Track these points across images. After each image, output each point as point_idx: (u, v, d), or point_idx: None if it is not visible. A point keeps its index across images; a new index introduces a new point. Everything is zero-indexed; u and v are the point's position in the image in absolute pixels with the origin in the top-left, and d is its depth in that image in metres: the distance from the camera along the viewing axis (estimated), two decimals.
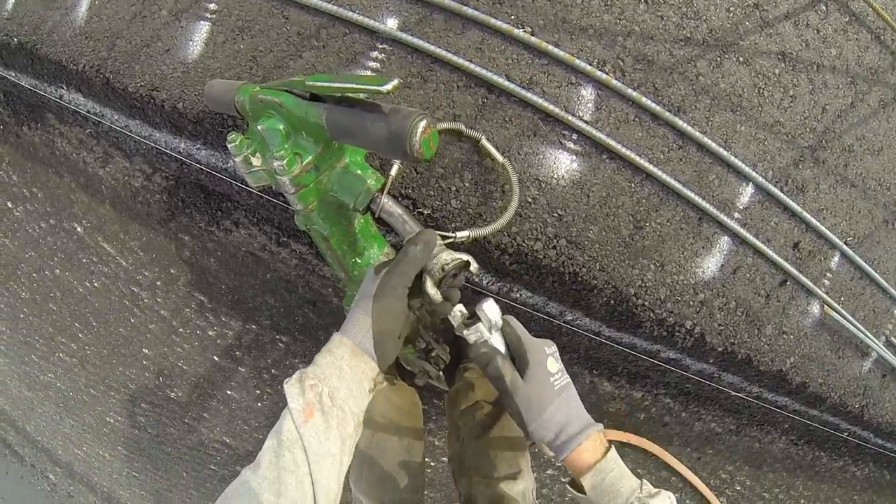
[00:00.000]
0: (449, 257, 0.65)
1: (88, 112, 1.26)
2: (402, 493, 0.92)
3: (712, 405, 1.45)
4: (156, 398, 1.69)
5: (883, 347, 1.32)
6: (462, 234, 0.73)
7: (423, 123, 0.55)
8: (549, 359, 0.63)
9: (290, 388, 0.57)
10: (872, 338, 1.28)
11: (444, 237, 0.70)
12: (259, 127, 0.70)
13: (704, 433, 1.54)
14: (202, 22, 1.00)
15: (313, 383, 0.57)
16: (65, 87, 1.25)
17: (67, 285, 1.64)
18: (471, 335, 0.65)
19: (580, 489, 0.62)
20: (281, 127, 0.68)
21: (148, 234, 1.46)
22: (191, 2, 1.03)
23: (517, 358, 0.64)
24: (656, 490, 0.59)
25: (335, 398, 0.57)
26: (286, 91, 0.68)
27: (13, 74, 1.31)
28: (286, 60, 0.94)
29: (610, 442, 0.63)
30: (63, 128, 1.45)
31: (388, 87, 0.56)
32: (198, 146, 1.12)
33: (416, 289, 0.65)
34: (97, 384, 1.78)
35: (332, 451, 0.55)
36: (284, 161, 0.68)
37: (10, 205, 1.63)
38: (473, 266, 0.66)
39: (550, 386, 0.61)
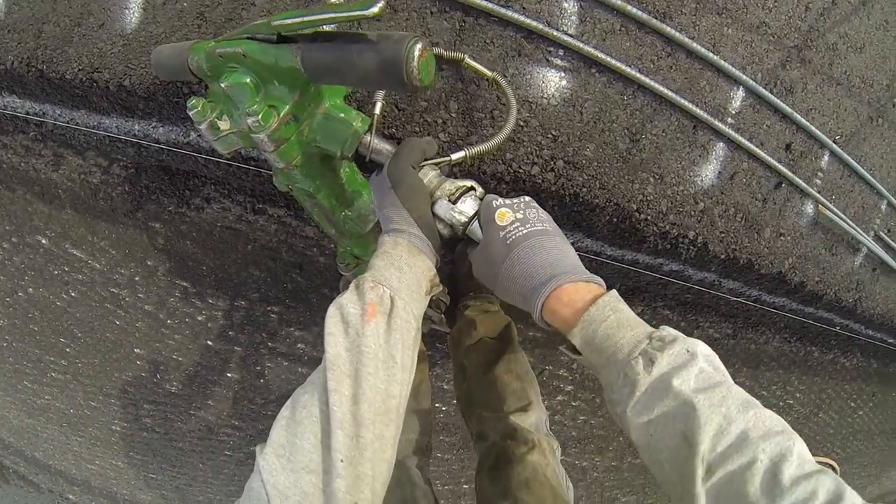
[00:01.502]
0: (452, 186, 0.59)
1: (28, 114, 1.13)
2: (411, 435, 0.90)
3: (709, 312, 1.47)
4: (157, 396, 1.62)
5: (872, 242, 1.33)
6: (457, 156, 0.66)
7: (419, 46, 0.47)
8: (497, 211, 0.53)
9: (348, 295, 0.49)
10: (863, 233, 1.29)
11: (438, 163, 0.63)
12: (222, 84, 0.61)
13: (703, 339, 1.55)
14: None
15: (373, 285, 0.49)
16: None
17: (44, 302, 1.54)
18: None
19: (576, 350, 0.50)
20: (248, 80, 0.59)
21: (117, 231, 1.35)
22: None
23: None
24: (671, 335, 0.45)
25: (396, 300, 0.50)
26: (248, 38, 0.59)
27: None
28: (238, 11, 0.84)
29: (608, 288, 0.49)
30: (4, 138, 1.31)
31: (375, 8, 0.46)
32: (153, 124, 1.01)
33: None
34: (95, 395, 1.70)
35: (394, 355, 0.48)
36: (259, 116, 0.59)
37: None
38: (479, 190, 0.60)
39: (501, 241, 0.51)
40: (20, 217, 1.39)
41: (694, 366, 0.43)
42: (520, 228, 0.51)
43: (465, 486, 1.76)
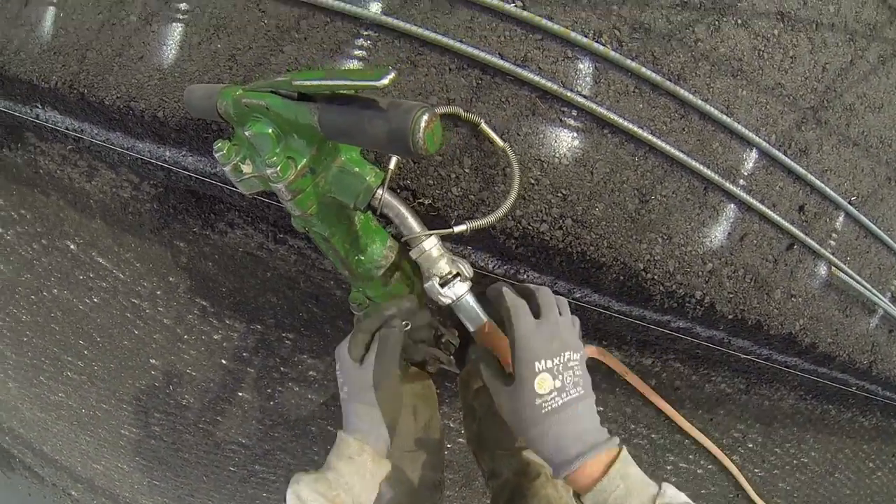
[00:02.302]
0: (445, 268, 0.65)
1: (67, 129, 1.20)
2: (423, 471, 0.90)
3: (722, 367, 1.45)
4: (168, 406, 1.66)
5: (889, 303, 1.30)
6: (459, 228, 0.71)
7: (425, 118, 0.50)
8: (537, 378, 0.53)
9: (310, 496, 0.53)
10: (879, 295, 1.27)
11: (442, 235, 0.68)
12: (246, 133, 0.65)
13: (715, 394, 1.53)
14: (174, 24, 0.94)
15: (336, 493, 0.54)
16: (40, 106, 1.18)
17: (67, 304, 1.60)
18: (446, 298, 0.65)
19: None
20: (270, 131, 0.63)
21: (142, 245, 1.41)
22: (160, 4, 0.97)
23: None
24: (665, 497, 0.51)
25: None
26: (272, 92, 0.63)
27: None
28: (267, 56, 0.89)
29: (619, 451, 0.55)
30: (44, 146, 1.39)
31: (385, 80, 0.51)
32: (183, 153, 1.06)
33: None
34: (108, 398, 1.75)
35: None
36: (278, 167, 0.63)
37: (0, 229, 1.58)
38: (467, 273, 0.66)
39: (537, 408, 0.53)
40: (52, 221, 1.47)
41: None
42: (556, 399, 0.53)
43: None
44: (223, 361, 1.52)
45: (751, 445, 1.75)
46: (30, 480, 2.27)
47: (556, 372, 0.54)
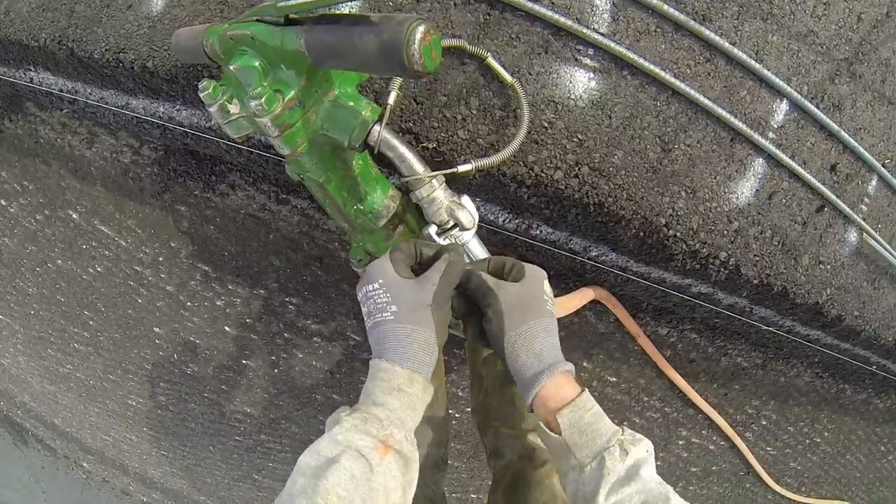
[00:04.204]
0: (445, 216, 0.62)
1: (61, 91, 1.14)
2: (427, 447, 0.85)
3: (739, 339, 1.36)
4: (173, 376, 1.62)
5: None
6: (464, 168, 0.65)
7: (421, 28, 0.44)
8: (544, 281, 0.58)
9: (352, 431, 0.45)
10: None
11: (446, 175, 0.63)
12: (232, 67, 0.59)
13: (731, 368, 1.45)
14: None
15: (389, 432, 0.46)
16: (32, 68, 1.13)
17: (71, 274, 1.56)
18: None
19: (554, 429, 0.53)
20: (256, 63, 0.57)
21: (143, 210, 1.35)
22: None
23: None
24: (639, 436, 0.52)
25: (410, 441, 0.49)
26: (257, 21, 0.57)
27: None
28: None
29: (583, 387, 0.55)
30: (43, 114, 1.33)
31: None
32: (177, 107, 0.99)
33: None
34: (114, 369, 1.72)
35: (407, 497, 0.48)
36: (263, 99, 0.57)
37: (3, 203, 1.54)
38: (466, 223, 0.63)
39: (542, 303, 0.57)
40: (53, 191, 1.42)
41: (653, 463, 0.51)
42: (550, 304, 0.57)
43: (472, 496, 1.70)
44: (227, 328, 1.47)
45: (764, 423, 1.67)
46: (43, 453, 2.27)
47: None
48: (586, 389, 0.54)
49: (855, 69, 1.01)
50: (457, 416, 1.46)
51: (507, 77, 0.74)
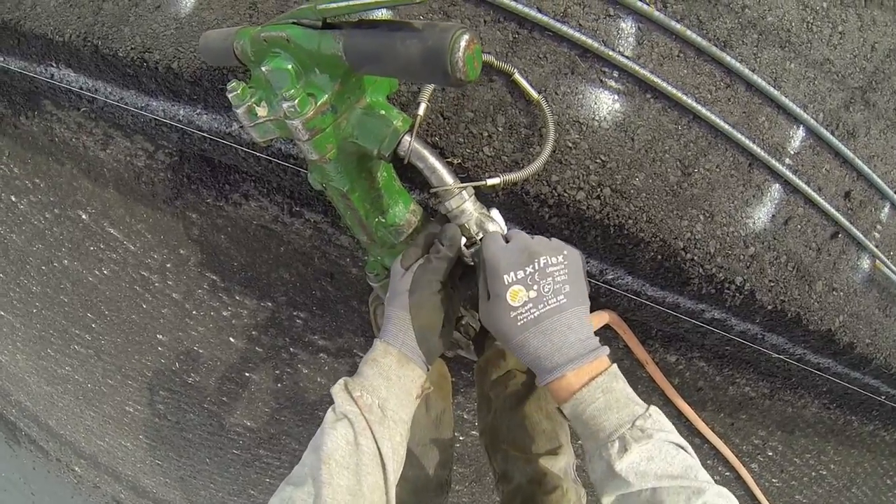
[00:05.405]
0: (474, 227, 0.61)
1: (81, 89, 1.14)
2: (430, 469, 0.84)
3: (748, 368, 1.35)
4: (173, 384, 1.59)
5: None
6: (493, 181, 0.65)
7: (466, 37, 0.44)
8: (509, 290, 0.51)
9: (340, 394, 0.53)
10: None
11: (475, 187, 0.62)
12: (264, 69, 0.59)
13: (738, 398, 1.43)
14: None
15: (360, 394, 0.52)
16: (54, 64, 1.12)
17: (77, 275, 1.55)
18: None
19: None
20: (290, 66, 0.56)
21: (154, 215, 1.35)
22: None
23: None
24: (653, 427, 0.48)
25: (385, 409, 0.52)
26: (293, 23, 0.57)
27: (1, 59, 1.19)
28: (290, 3, 0.82)
29: (609, 365, 0.52)
30: (60, 113, 1.34)
31: None
32: (198, 111, 1.00)
33: (451, 284, 0.62)
34: (114, 374, 1.69)
35: (386, 463, 0.51)
36: (296, 101, 0.56)
37: (13, 199, 1.53)
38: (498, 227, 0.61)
39: (512, 321, 0.51)
40: (65, 190, 1.41)
41: (665, 458, 0.46)
42: (532, 311, 0.51)
43: None
44: (231, 339, 1.45)
45: (770, 454, 1.64)
46: (35, 454, 2.22)
47: (531, 281, 0.51)
48: (597, 379, 0.50)
49: (869, 97, 1.03)
50: (461, 438, 1.44)
51: (534, 94, 0.74)
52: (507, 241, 0.56)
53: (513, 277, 0.51)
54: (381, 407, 0.52)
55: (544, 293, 0.51)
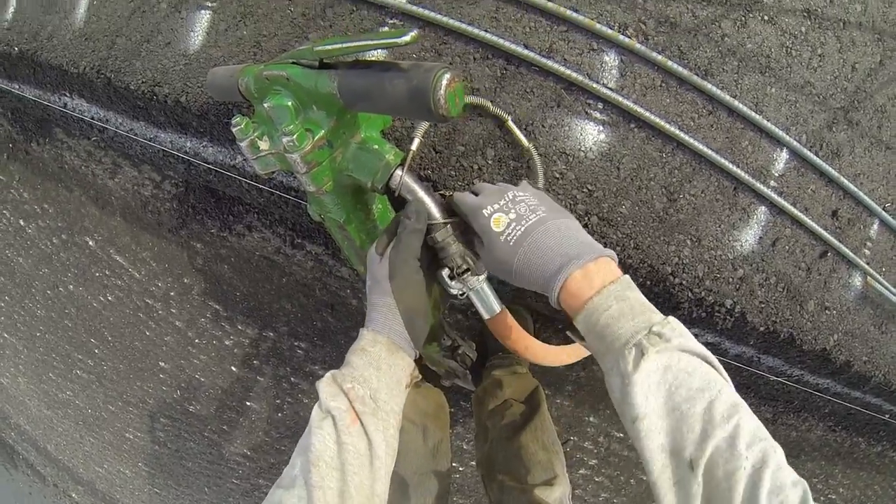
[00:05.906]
0: (459, 260, 0.61)
1: (93, 118, 1.19)
2: (427, 499, 0.83)
3: (747, 393, 1.34)
4: (174, 412, 1.60)
5: None
6: None
7: (447, 76, 0.47)
8: (491, 220, 0.53)
9: (326, 389, 0.51)
10: None
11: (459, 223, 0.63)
12: (265, 105, 0.63)
13: None
14: (203, 11, 0.93)
15: (351, 385, 0.51)
16: (68, 94, 1.18)
17: (82, 300, 1.58)
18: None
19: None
20: (289, 103, 0.60)
21: (160, 244, 1.39)
22: None
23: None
24: (671, 333, 0.44)
25: (377, 399, 0.51)
26: (293, 63, 0.61)
27: (17, 87, 1.25)
28: (291, 43, 0.87)
29: (620, 276, 0.49)
30: (71, 141, 1.39)
31: (407, 37, 0.49)
32: (204, 143, 1.04)
33: (430, 273, 0.61)
34: (115, 400, 1.70)
35: (378, 455, 0.50)
36: (294, 136, 0.60)
37: (22, 223, 1.57)
38: (482, 268, 0.62)
39: (504, 244, 0.52)
40: (73, 217, 1.45)
41: (683, 365, 0.43)
42: (517, 228, 0.52)
43: None
44: (233, 368, 1.46)
45: None
46: (32, 479, 2.21)
47: (507, 208, 0.54)
48: (609, 286, 0.47)
49: (851, 117, 1.06)
50: (460, 469, 1.43)
51: (525, 142, 0.78)
52: (476, 194, 0.59)
53: (491, 209, 0.54)
54: (373, 398, 0.51)
55: (522, 213, 0.54)
